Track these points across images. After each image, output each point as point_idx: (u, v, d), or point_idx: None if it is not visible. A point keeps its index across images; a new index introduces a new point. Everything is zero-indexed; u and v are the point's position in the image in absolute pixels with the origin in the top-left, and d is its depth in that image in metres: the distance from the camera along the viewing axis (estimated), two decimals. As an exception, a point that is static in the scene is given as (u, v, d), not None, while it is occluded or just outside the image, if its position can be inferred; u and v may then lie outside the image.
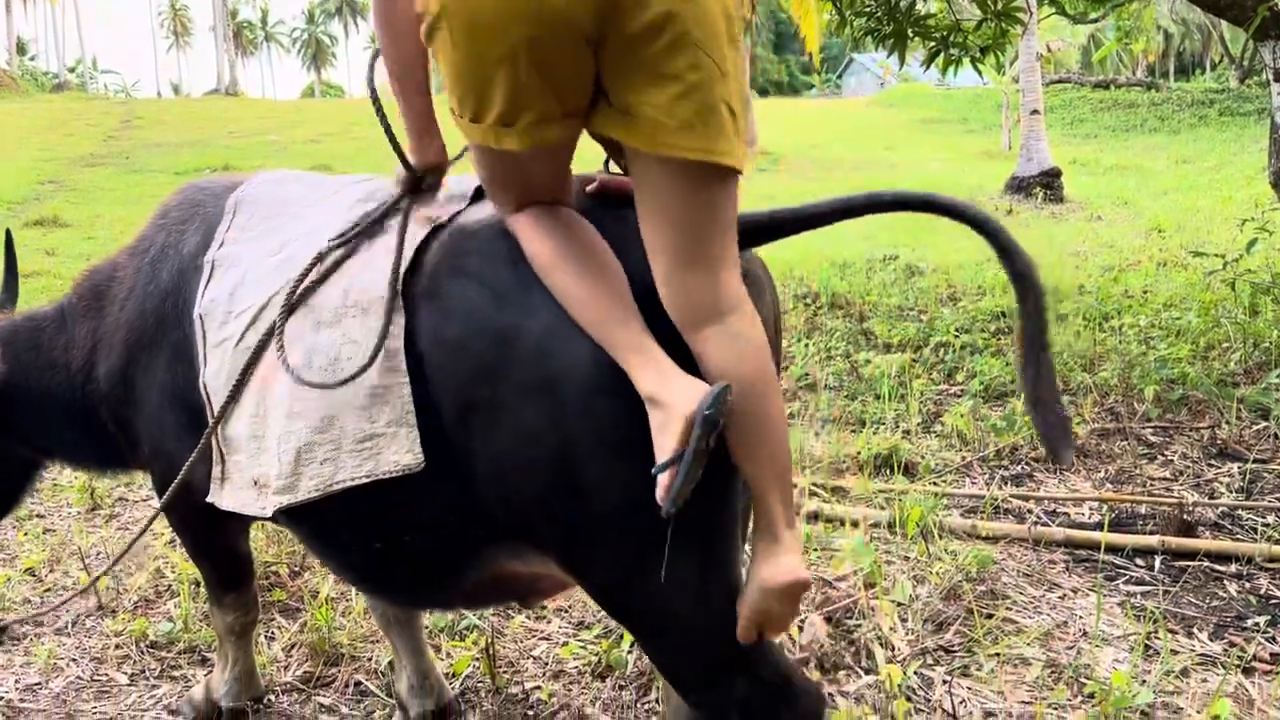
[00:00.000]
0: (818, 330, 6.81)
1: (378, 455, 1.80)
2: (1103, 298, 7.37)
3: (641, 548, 1.67)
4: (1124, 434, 4.81)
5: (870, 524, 3.77)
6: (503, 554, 1.89)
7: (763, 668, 1.76)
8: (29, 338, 2.56)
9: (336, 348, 1.86)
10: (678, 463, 1.54)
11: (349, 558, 2.06)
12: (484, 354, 1.69)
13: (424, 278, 1.81)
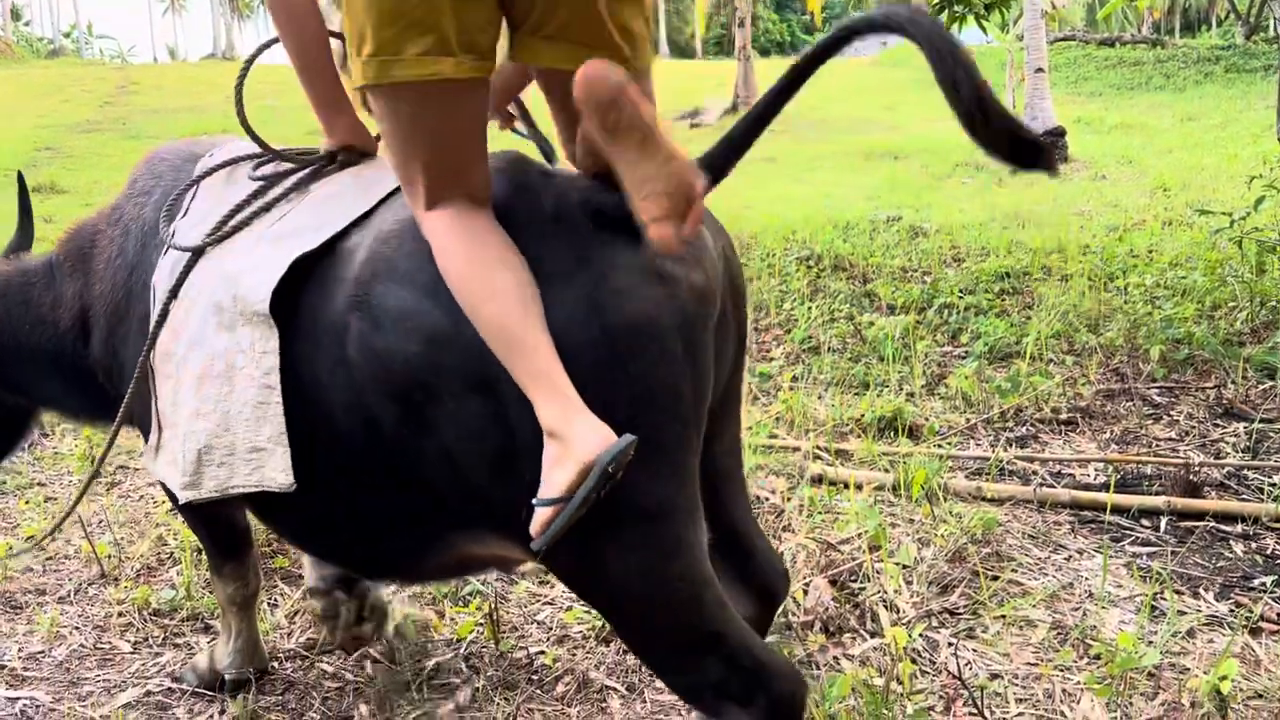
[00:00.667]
0: (820, 293, 6.76)
1: (262, 468, 1.88)
2: (1107, 257, 7.32)
3: (595, 535, 1.64)
4: (1129, 394, 4.78)
5: (874, 487, 3.75)
6: (463, 539, 1.90)
7: (735, 650, 1.74)
8: (20, 292, 2.58)
9: (231, 355, 1.90)
10: (563, 504, 1.50)
11: (312, 543, 2.14)
12: (419, 357, 1.66)
13: (349, 285, 1.76)
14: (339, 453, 1.86)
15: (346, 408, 1.78)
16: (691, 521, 1.73)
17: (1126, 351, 5.30)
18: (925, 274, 7.25)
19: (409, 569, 2.10)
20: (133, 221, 2.36)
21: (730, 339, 1.87)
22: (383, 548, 2.02)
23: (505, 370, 1.58)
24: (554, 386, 1.52)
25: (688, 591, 1.70)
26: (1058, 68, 27.13)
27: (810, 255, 7.70)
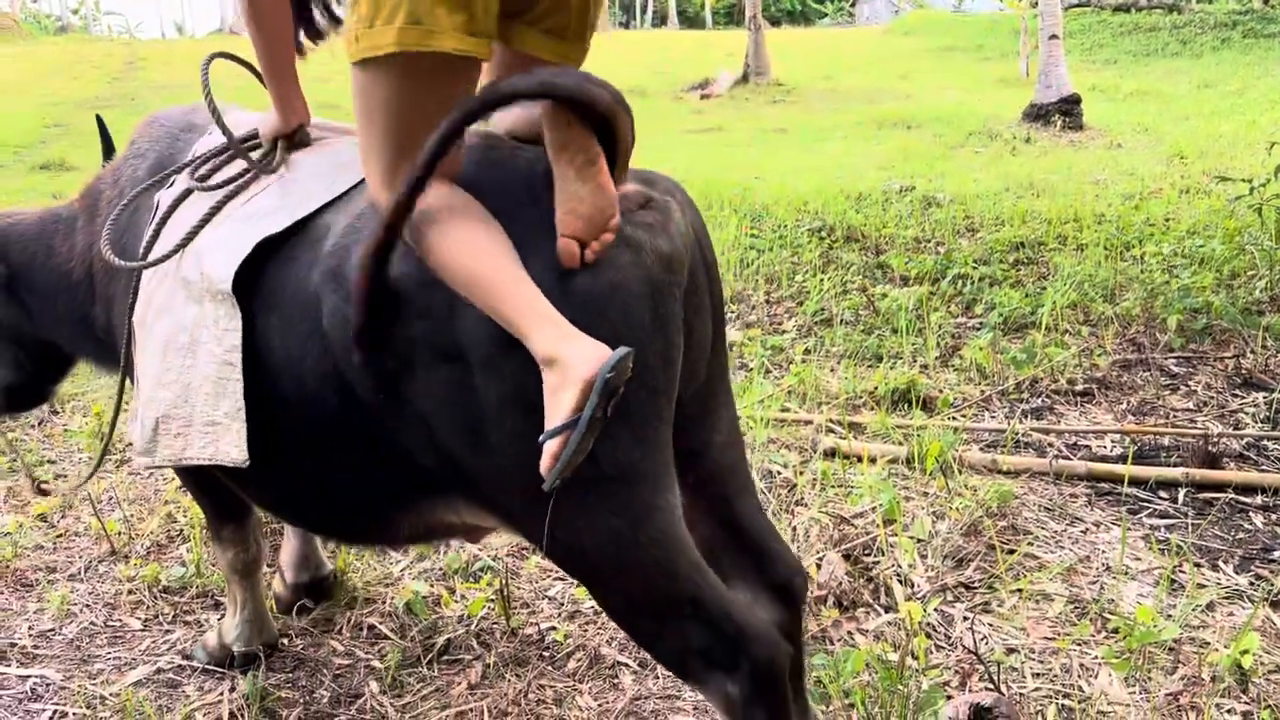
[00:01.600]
0: (833, 264, 6.69)
1: (217, 442, 1.92)
2: (1124, 226, 7.22)
3: (566, 502, 1.64)
4: (1146, 365, 4.72)
5: (888, 460, 3.71)
6: (438, 506, 1.91)
7: (715, 615, 1.72)
8: (45, 239, 2.67)
9: (196, 329, 1.95)
10: (570, 429, 1.49)
11: (291, 509, 2.16)
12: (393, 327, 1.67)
13: (323, 260, 1.79)
14: (311, 424, 1.88)
15: (320, 379, 1.80)
16: (661, 487, 1.71)
17: (1143, 321, 5.23)
18: (939, 244, 7.17)
19: (381, 535, 2.12)
20: (127, 183, 2.43)
21: (704, 312, 1.83)
22: (356, 515, 2.05)
23: (473, 336, 1.60)
24: (543, 316, 1.54)
25: (660, 556, 1.70)
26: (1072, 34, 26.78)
27: (822, 226, 7.62)
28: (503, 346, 1.59)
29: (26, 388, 2.99)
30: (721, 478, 1.93)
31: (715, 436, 1.92)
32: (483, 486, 1.75)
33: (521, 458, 1.61)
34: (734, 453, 1.98)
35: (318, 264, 1.79)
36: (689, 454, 1.84)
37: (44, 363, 2.91)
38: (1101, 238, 6.82)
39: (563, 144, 1.56)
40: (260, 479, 2.03)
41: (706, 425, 1.89)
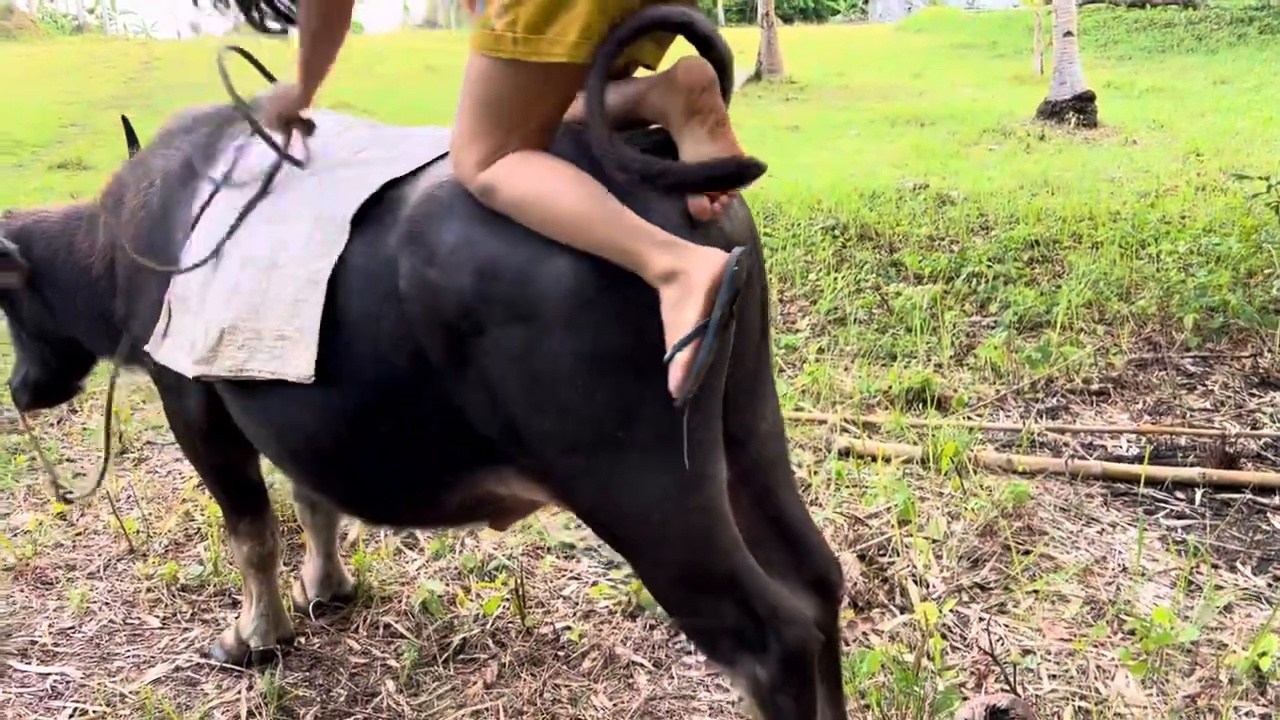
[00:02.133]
0: (846, 263, 6.68)
1: (282, 357, 1.94)
2: (1139, 224, 7.18)
3: (619, 464, 1.70)
4: (1162, 364, 4.70)
5: (903, 460, 3.70)
6: (489, 477, 1.94)
7: (750, 593, 1.75)
8: (67, 236, 2.72)
9: (276, 252, 2.00)
10: (702, 334, 1.53)
11: (342, 483, 2.13)
12: (467, 289, 1.71)
13: (403, 224, 1.82)
14: (378, 389, 1.89)
15: (394, 341, 1.83)
16: (712, 457, 1.75)
17: (1159, 320, 5.21)
18: (953, 243, 7.14)
19: (428, 511, 2.12)
20: (159, 174, 2.43)
21: (753, 302, 1.87)
22: (407, 489, 2.05)
23: (550, 294, 1.64)
24: (655, 236, 1.61)
25: (705, 525, 1.73)
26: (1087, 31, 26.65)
27: (836, 225, 7.60)
28: (581, 303, 1.64)
29: (51, 384, 3.03)
30: (765, 468, 1.95)
31: (760, 424, 1.95)
32: (539, 452, 1.76)
33: (587, 415, 1.67)
34: (778, 444, 2.00)
35: (398, 228, 1.83)
36: (734, 441, 1.86)
37: (66, 359, 2.95)
38: (1117, 236, 6.78)
39: (695, 109, 1.66)
40: (310, 451, 2.05)
41: (752, 413, 1.92)
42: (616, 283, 1.63)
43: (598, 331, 1.65)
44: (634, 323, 1.64)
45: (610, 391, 1.66)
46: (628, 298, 1.63)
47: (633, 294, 1.63)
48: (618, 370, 1.66)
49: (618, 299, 1.65)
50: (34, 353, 2.96)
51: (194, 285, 2.15)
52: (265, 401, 2.05)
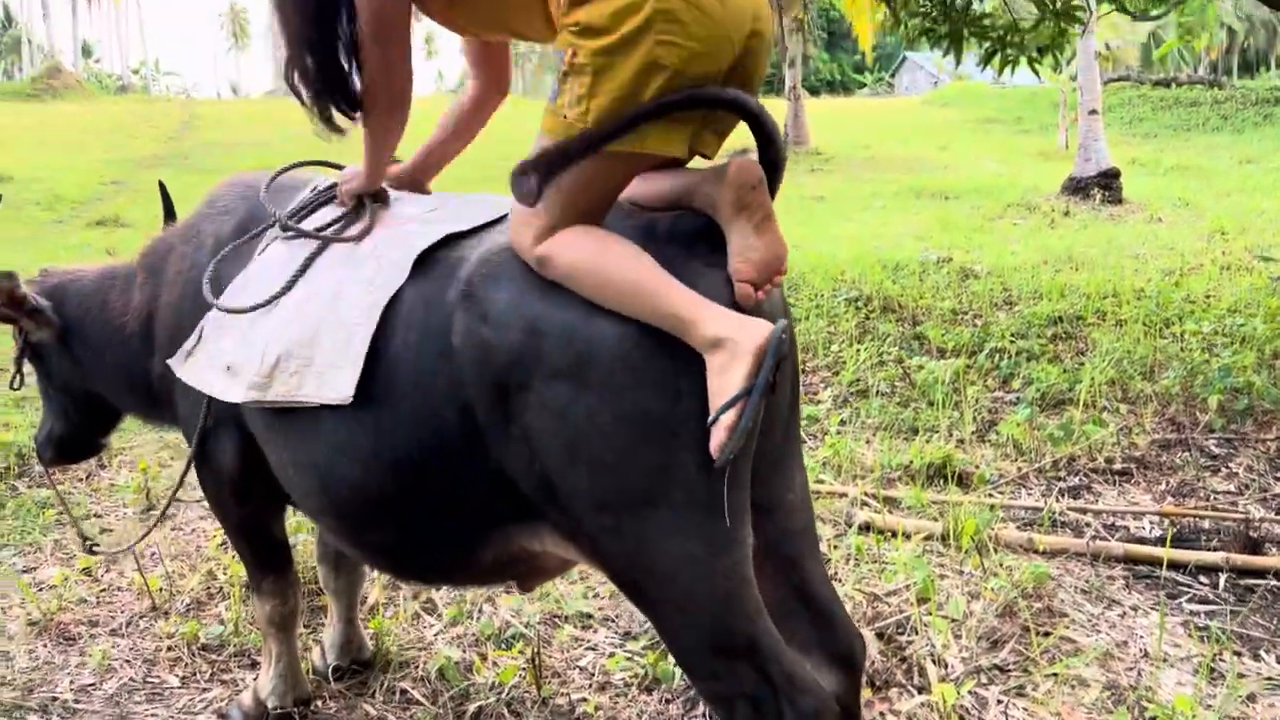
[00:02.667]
0: (869, 335, 6.72)
1: (330, 382, 2.00)
2: (1163, 302, 7.20)
3: (650, 524, 1.75)
4: (1186, 445, 4.68)
5: (923, 536, 3.70)
6: (524, 533, 1.98)
7: (768, 659, 1.77)
8: (100, 294, 2.79)
9: (343, 285, 2.09)
10: (746, 397, 1.61)
11: (381, 534, 2.16)
12: (515, 345, 1.79)
13: (459, 283, 1.91)
14: (427, 437, 1.94)
15: (445, 394, 1.89)
16: (740, 522, 1.79)
17: (1183, 400, 5.19)
18: (976, 317, 7.18)
19: (462, 567, 2.15)
20: (209, 237, 2.51)
21: (785, 376, 1.91)
22: (444, 537, 2.08)
23: (596, 354, 1.72)
24: (708, 305, 1.69)
25: (731, 589, 1.76)
26: (1112, 108, 26.89)
27: (859, 296, 7.66)
28: (623, 364, 1.72)
29: (77, 439, 3.08)
30: (792, 539, 1.98)
31: (788, 495, 1.98)
32: (573, 508, 1.81)
33: (623, 474, 1.73)
34: (805, 515, 2.04)
35: (454, 286, 1.91)
36: (762, 510, 1.89)
37: (92, 415, 3.01)
38: (1141, 314, 6.80)
39: (743, 204, 1.76)
40: (355, 501, 2.08)
41: (780, 483, 1.96)
42: (658, 347, 1.71)
43: (638, 392, 1.72)
44: (673, 386, 1.72)
45: (647, 451, 1.73)
46: (668, 362, 1.71)
47: (673, 359, 1.71)
48: (655, 431, 1.72)
49: (658, 362, 1.72)
50: (60, 408, 3.02)
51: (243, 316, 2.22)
52: (313, 446, 2.10)
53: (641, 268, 1.73)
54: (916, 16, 7.13)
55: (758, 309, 1.78)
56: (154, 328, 2.60)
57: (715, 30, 1.73)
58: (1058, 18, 6.64)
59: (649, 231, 1.85)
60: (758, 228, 1.76)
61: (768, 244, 1.76)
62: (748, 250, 1.75)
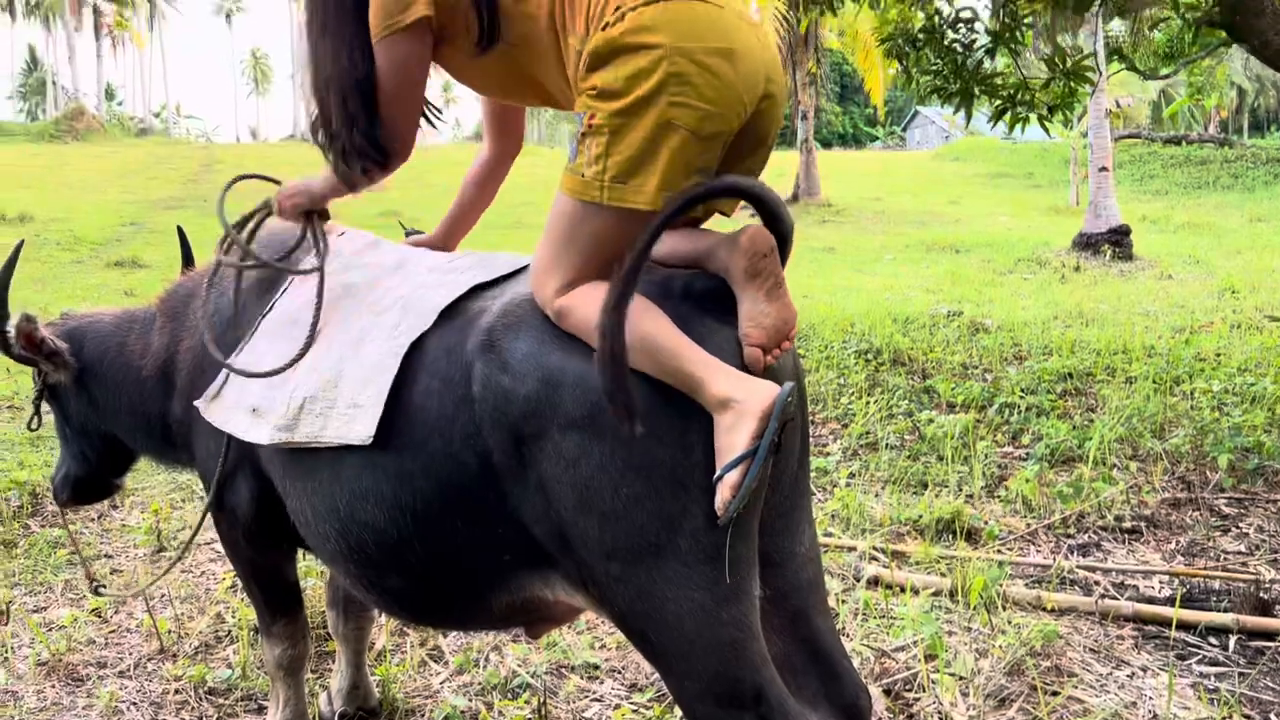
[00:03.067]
0: (879, 387, 6.74)
1: (351, 423, 2.04)
2: (1173, 360, 7.21)
3: (658, 573, 1.77)
4: (1196, 504, 4.67)
5: (931, 592, 3.69)
6: (536, 581, 2.01)
7: (774, 711, 1.78)
8: (119, 336, 2.84)
9: (368, 330, 2.14)
10: (751, 457, 1.65)
11: (398, 579, 2.17)
12: (532, 394, 1.83)
13: (481, 333, 1.95)
14: (446, 483, 1.97)
15: (463, 441, 1.93)
16: (747, 573, 1.81)
17: (1193, 459, 5.19)
18: (986, 371, 7.20)
19: (474, 612, 2.17)
20: (231, 284, 2.54)
21: (795, 430, 1.94)
22: (458, 583, 2.10)
23: (605, 407, 1.74)
24: (718, 366, 1.74)
25: (737, 638, 1.78)
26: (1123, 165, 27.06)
27: (869, 348, 7.69)
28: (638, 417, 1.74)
29: (92, 480, 3.11)
30: (801, 591, 1.99)
31: (798, 548, 2.00)
32: (584, 556, 1.84)
33: (632, 523, 1.76)
34: (813, 568, 2.05)
35: (476, 335, 1.96)
36: (771, 563, 1.92)
37: (107, 456, 3.04)
38: (1151, 371, 6.80)
39: (755, 271, 1.81)
40: (373, 545, 2.10)
41: (789, 536, 1.98)
42: (669, 400, 1.76)
43: (648, 443, 1.75)
44: (682, 438, 1.76)
45: (655, 502, 1.76)
46: (678, 414, 1.75)
47: (683, 411, 1.75)
48: (664, 482, 1.75)
49: (669, 414, 1.76)
50: (77, 449, 3.06)
51: (261, 357, 2.27)
52: (333, 491, 2.12)
53: (656, 325, 1.77)
54: (928, 74, 7.23)
55: (768, 371, 1.82)
56: (174, 371, 2.64)
57: (727, 93, 1.79)
58: (1068, 77, 6.73)
59: (665, 288, 1.90)
60: (768, 294, 1.81)
61: (778, 310, 1.81)
62: (759, 316, 1.80)
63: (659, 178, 1.79)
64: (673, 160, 1.79)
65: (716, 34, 1.80)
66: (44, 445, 5.50)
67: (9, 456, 5.39)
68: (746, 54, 1.83)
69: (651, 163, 1.79)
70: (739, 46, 1.82)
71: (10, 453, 5.47)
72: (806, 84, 24.63)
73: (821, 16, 6.77)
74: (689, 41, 1.77)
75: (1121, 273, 14.02)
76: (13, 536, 4.33)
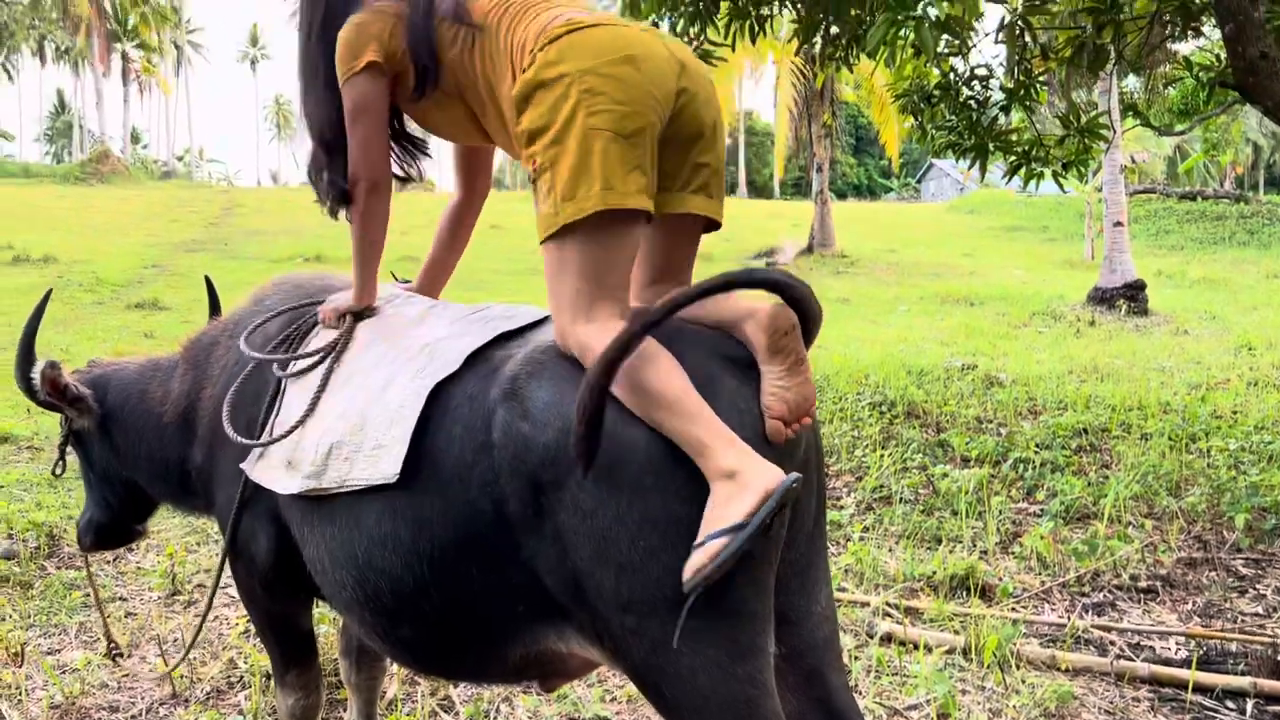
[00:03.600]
0: (893, 440, 6.73)
1: (377, 463, 2.05)
2: (1189, 417, 7.18)
3: (673, 628, 1.75)
4: (1212, 564, 4.63)
5: (945, 650, 3.67)
6: (551, 633, 2.00)
7: None
8: (141, 382, 2.88)
9: (394, 374, 2.17)
10: (739, 530, 1.65)
11: (412, 630, 2.17)
12: (552, 443, 1.83)
13: (504, 380, 1.97)
14: (464, 532, 1.98)
15: (481, 488, 1.93)
16: (763, 630, 1.81)
17: (1209, 518, 5.16)
18: (1000, 425, 7.18)
19: (489, 665, 2.16)
20: (256, 334, 2.58)
21: (810, 488, 1.96)
22: (474, 634, 2.10)
23: (629, 457, 1.77)
24: (728, 436, 1.75)
25: (752, 695, 1.77)
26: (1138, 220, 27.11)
27: (883, 401, 7.69)
28: (653, 469, 1.77)
29: (115, 526, 3.14)
30: (816, 650, 1.99)
31: (814, 606, 2.00)
32: (599, 609, 1.84)
33: (648, 576, 1.76)
34: (829, 627, 2.05)
35: (498, 382, 1.98)
36: (786, 621, 1.92)
37: (129, 502, 3.07)
38: (1166, 428, 6.78)
39: (779, 348, 1.86)
40: (389, 594, 2.10)
41: (805, 595, 1.98)
42: (687, 455, 1.76)
43: (665, 496, 1.76)
44: (699, 494, 1.75)
45: (672, 555, 1.75)
46: (696, 470, 1.75)
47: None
48: (681, 536, 1.74)
49: (687, 468, 1.76)
50: (100, 495, 3.09)
51: (297, 409, 2.31)
52: (351, 539, 2.14)
53: (678, 385, 1.80)
54: (943, 130, 7.31)
55: (788, 443, 1.84)
56: (194, 418, 2.67)
57: (636, 91, 1.91)
58: (1082, 134, 6.79)
59: (694, 342, 1.92)
60: (790, 370, 1.85)
61: (798, 386, 1.85)
62: (781, 390, 1.84)
63: (599, 180, 1.87)
64: (606, 162, 1.88)
65: (616, 47, 1.93)
66: (62, 487, 5.54)
67: (27, 497, 5.43)
68: (649, 57, 1.94)
69: (587, 171, 1.88)
70: (639, 52, 1.94)
71: (29, 493, 5.52)
72: (822, 136, 24.84)
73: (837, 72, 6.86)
74: (591, 61, 1.91)
75: (1137, 328, 14.00)
76: (29, 577, 4.36)
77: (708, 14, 5.77)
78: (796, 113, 26.13)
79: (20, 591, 4.23)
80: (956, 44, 6.10)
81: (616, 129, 1.88)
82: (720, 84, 23.72)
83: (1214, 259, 24.01)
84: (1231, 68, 4.73)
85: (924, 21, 4.10)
